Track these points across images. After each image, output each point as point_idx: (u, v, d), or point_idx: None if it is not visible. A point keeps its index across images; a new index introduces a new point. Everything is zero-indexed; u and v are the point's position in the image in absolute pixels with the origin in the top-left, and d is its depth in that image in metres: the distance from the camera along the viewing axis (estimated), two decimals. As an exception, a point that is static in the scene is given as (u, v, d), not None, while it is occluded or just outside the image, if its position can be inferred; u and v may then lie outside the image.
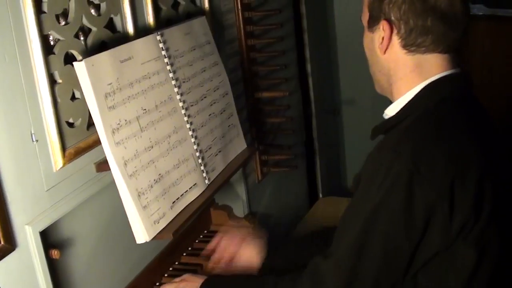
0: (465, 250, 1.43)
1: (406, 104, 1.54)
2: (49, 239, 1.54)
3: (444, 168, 1.39)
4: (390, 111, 1.59)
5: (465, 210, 1.39)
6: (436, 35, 1.49)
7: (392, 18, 1.50)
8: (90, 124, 1.62)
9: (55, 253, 1.50)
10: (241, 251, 1.96)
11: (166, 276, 2.05)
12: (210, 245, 2.01)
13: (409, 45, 1.51)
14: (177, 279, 1.81)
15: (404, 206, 1.38)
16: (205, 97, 1.96)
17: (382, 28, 1.52)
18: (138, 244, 1.64)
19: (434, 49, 1.51)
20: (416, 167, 1.37)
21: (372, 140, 1.65)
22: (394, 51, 1.53)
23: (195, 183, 1.83)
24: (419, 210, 1.38)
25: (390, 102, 1.62)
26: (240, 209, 2.43)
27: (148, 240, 1.60)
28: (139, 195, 1.59)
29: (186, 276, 1.80)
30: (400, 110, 1.56)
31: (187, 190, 1.78)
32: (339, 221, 1.53)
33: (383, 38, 1.52)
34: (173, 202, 1.71)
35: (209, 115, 1.97)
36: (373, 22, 1.55)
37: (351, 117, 3.67)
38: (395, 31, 1.50)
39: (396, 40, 1.52)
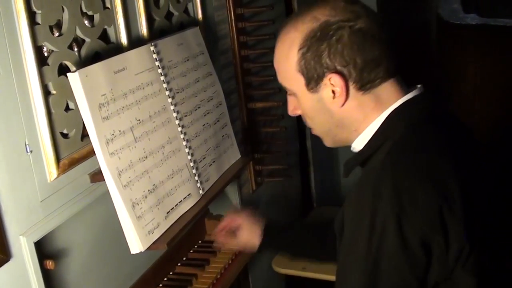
0: (464, 277, 1.40)
1: (374, 134, 1.47)
2: (44, 250, 1.55)
3: (428, 199, 1.33)
4: (358, 145, 1.52)
5: (459, 237, 1.36)
6: (386, 61, 1.43)
7: (338, 67, 1.41)
8: (84, 135, 1.62)
9: (49, 264, 1.50)
10: (242, 229, 2.04)
11: (160, 286, 2.05)
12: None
13: (364, 85, 1.43)
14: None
15: (401, 248, 1.33)
16: (198, 108, 1.97)
17: (330, 83, 1.42)
18: (132, 254, 1.64)
19: (388, 76, 1.45)
20: (401, 207, 1.32)
21: (345, 178, 1.59)
22: (351, 98, 1.44)
23: (189, 193, 1.83)
24: (416, 247, 1.33)
25: None
26: (234, 219, 2.43)
27: (142, 251, 1.60)
28: (133, 206, 1.59)
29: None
30: (368, 142, 1.49)
31: (181, 200, 1.79)
32: (336, 274, 1.47)
33: (333, 92, 1.43)
34: (168, 212, 1.72)
35: (203, 125, 1.98)
36: (314, 83, 1.44)
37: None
38: (348, 79, 1.42)
39: (350, 87, 1.43)
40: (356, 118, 1.47)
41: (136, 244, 1.59)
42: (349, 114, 1.47)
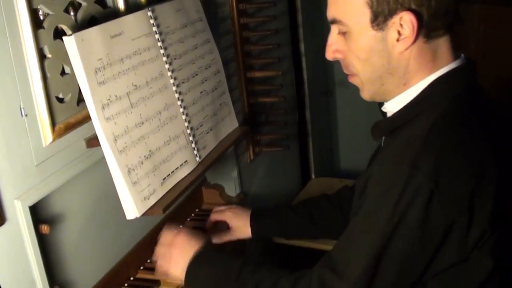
0: (481, 259, 1.39)
1: (413, 99, 1.42)
2: (39, 215, 1.54)
3: (464, 182, 1.31)
4: (392, 106, 1.47)
5: (483, 222, 1.34)
6: (453, 10, 1.35)
7: (413, 6, 1.32)
8: (81, 99, 1.61)
9: (44, 228, 1.50)
10: (232, 221, 2.06)
11: (157, 254, 2.05)
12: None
13: (430, 32, 1.36)
14: (167, 236, 1.76)
15: (422, 224, 1.32)
16: (196, 75, 1.96)
17: (400, 22, 1.34)
18: (129, 221, 1.64)
19: (449, 30, 1.38)
20: (436, 184, 1.29)
21: (376, 140, 1.55)
22: (415, 44, 1.37)
23: (186, 160, 1.82)
24: (437, 227, 1.32)
25: None
26: (232, 188, 2.43)
27: (138, 216, 1.60)
28: (129, 171, 1.59)
29: (179, 240, 1.73)
30: (405, 107, 1.43)
31: (177, 167, 1.78)
32: (347, 231, 1.45)
33: (399, 33, 1.35)
34: (164, 179, 1.71)
35: (201, 92, 1.97)
36: (382, 18, 1.35)
37: (344, 99, 3.67)
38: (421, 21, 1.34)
39: (420, 31, 1.35)
40: (411, 69, 1.40)
41: (132, 209, 1.59)
42: (407, 62, 1.40)
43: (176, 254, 1.71)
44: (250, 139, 2.56)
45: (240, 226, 2.08)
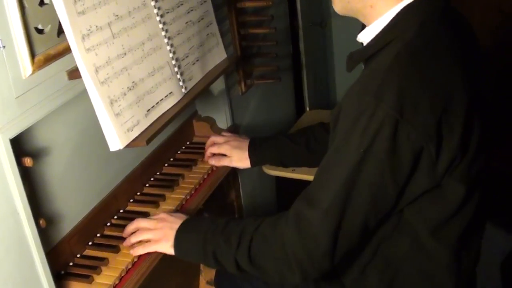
0: (452, 185, 1.42)
1: (383, 29, 1.44)
2: (23, 148, 1.54)
3: (429, 109, 1.32)
4: (365, 37, 1.50)
5: (452, 148, 1.36)
6: None
7: None
8: (61, 31, 1.57)
9: (27, 161, 1.49)
10: (230, 149, 2.13)
11: (147, 186, 2.06)
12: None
13: None
14: (155, 217, 1.78)
15: (390, 153, 1.33)
16: (181, 4, 1.91)
17: None
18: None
19: None
20: (400, 113, 1.31)
21: (349, 71, 1.56)
22: None
23: (171, 92, 1.80)
24: (406, 154, 1.34)
25: None
26: (223, 121, 2.42)
27: (121, 148, 1.59)
28: (111, 103, 1.57)
29: (164, 215, 1.77)
30: (376, 36, 1.46)
31: (162, 99, 1.76)
32: (321, 164, 1.48)
33: None
34: (148, 110, 1.69)
35: (186, 23, 1.93)
36: None
37: (340, 30, 3.61)
38: None
39: None
40: None
41: (115, 141, 1.58)
42: None
43: (164, 227, 1.72)
44: (241, 71, 2.52)
45: (239, 157, 2.12)
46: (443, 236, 1.51)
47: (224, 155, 2.14)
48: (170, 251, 1.69)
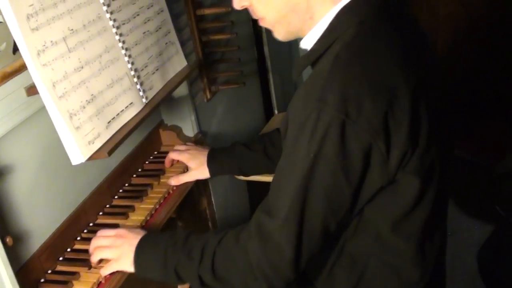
0: (407, 179, 1.42)
1: (324, 32, 1.44)
2: (-15, 168, 1.54)
3: (374, 106, 1.32)
4: (307, 43, 1.50)
5: (402, 142, 1.36)
6: None
7: None
8: (17, 48, 1.58)
9: (-10, 180, 1.49)
10: (190, 161, 2.14)
11: (116, 198, 2.07)
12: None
13: None
14: (111, 233, 1.75)
15: (340, 154, 1.34)
16: (138, 15, 1.92)
17: None
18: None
19: None
20: (345, 113, 1.31)
21: (295, 78, 1.58)
22: None
23: (131, 102, 1.81)
24: (356, 154, 1.34)
25: None
26: (189, 129, 2.43)
27: (83, 161, 1.59)
28: (70, 116, 1.57)
29: (122, 231, 1.75)
30: (317, 41, 1.46)
31: (123, 110, 1.76)
32: (275, 173, 1.49)
33: None
34: (109, 122, 1.70)
35: (143, 33, 1.94)
36: None
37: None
38: None
39: None
40: (313, 2, 1.43)
41: (77, 154, 1.58)
42: None
43: (123, 243, 1.70)
44: (205, 78, 2.54)
45: (198, 167, 2.12)
46: (405, 230, 1.52)
47: (184, 172, 2.16)
48: (131, 269, 1.67)
